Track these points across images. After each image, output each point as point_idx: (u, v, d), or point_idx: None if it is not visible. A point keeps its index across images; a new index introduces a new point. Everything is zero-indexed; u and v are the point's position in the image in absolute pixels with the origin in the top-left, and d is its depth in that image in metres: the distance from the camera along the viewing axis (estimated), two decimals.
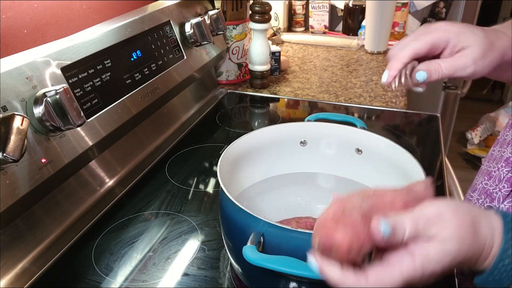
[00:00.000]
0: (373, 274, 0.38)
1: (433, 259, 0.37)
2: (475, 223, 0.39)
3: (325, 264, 0.39)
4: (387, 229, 0.37)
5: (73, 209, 0.72)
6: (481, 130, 2.74)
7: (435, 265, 0.37)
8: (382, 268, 0.38)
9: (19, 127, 0.55)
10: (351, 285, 0.37)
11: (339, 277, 0.38)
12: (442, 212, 0.38)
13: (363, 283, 0.37)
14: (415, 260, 0.37)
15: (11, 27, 0.73)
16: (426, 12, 1.77)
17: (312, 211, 0.69)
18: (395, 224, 0.37)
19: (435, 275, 0.38)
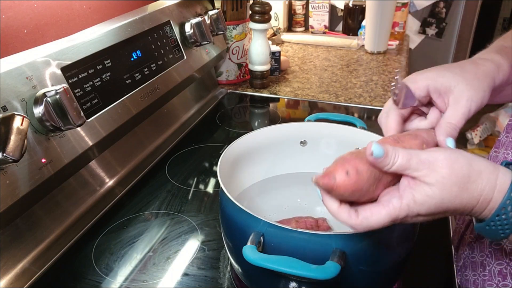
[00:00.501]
0: (362, 212, 0.42)
1: (418, 200, 0.41)
2: (470, 176, 0.41)
3: (326, 198, 0.44)
4: (379, 151, 0.40)
5: (73, 209, 0.72)
6: (481, 130, 2.74)
7: (420, 207, 0.41)
8: (372, 207, 0.42)
9: (19, 127, 0.55)
10: (343, 220, 0.43)
11: (334, 211, 0.43)
12: (437, 159, 0.41)
13: (353, 219, 0.42)
14: (402, 201, 0.41)
15: (11, 27, 0.73)
16: (426, 12, 1.77)
17: (312, 211, 0.69)
18: (387, 150, 0.41)
19: (422, 216, 0.42)
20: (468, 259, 0.63)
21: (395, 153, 0.41)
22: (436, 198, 0.40)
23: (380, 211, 0.41)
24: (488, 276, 0.58)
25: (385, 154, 0.41)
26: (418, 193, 0.41)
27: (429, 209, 0.41)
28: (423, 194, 0.40)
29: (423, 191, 0.40)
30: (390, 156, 0.41)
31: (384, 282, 0.55)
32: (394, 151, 0.41)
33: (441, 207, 0.41)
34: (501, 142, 0.65)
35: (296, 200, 0.70)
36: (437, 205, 0.40)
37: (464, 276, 0.63)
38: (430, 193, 0.40)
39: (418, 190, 0.41)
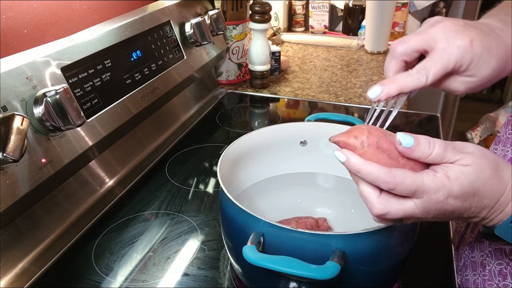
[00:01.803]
0: (397, 170, 0.40)
1: (452, 175, 0.40)
2: (498, 164, 0.41)
3: (352, 154, 0.41)
4: (408, 140, 0.40)
5: (73, 209, 0.72)
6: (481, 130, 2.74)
7: (452, 182, 0.40)
8: (407, 171, 0.40)
9: (19, 127, 0.55)
10: (375, 171, 0.40)
11: (363, 164, 0.41)
12: (467, 146, 0.41)
13: (386, 171, 0.40)
14: (436, 173, 0.40)
15: (11, 27, 0.73)
16: (426, 12, 1.77)
17: (312, 211, 0.69)
18: (419, 139, 0.40)
19: (453, 197, 0.40)
20: (468, 259, 0.63)
21: (430, 143, 0.41)
22: (470, 175, 0.40)
23: (415, 173, 0.40)
24: (488, 276, 0.58)
25: (417, 143, 0.40)
26: (452, 170, 0.40)
27: (463, 186, 0.40)
28: (457, 171, 0.40)
29: (457, 168, 0.40)
30: (424, 144, 0.40)
31: (384, 282, 0.55)
32: (427, 140, 0.41)
33: (473, 186, 0.40)
34: (500, 139, 0.65)
35: (296, 200, 0.70)
36: (470, 182, 0.40)
37: (464, 276, 0.63)
38: (464, 170, 0.40)
39: (452, 168, 0.40)
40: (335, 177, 0.72)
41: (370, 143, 0.41)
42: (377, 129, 0.43)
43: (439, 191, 0.40)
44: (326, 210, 0.69)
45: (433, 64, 0.45)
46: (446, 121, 2.10)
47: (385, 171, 0.40)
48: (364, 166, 0.41)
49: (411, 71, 0.46)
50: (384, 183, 0.40)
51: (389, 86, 0.46)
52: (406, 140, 0.40)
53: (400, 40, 0.47)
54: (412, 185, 0.39)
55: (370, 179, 0.41)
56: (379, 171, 0.40)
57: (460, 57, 0.45)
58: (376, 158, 0.41)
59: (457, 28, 0.45)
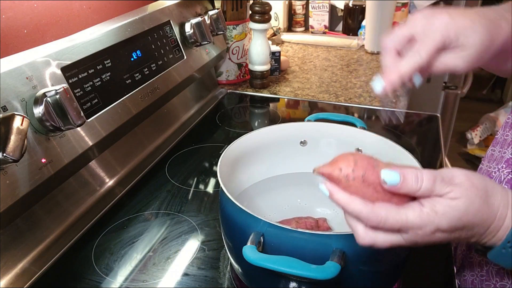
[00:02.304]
0: (380, 207, 0.39)
1: (440, 211, 0.38)
2: (487, 190, 0.40)
3: (335, 189, 0.41)
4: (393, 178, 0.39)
5: (73, 209, 0.72)
6: (481, 130, 2.74)
7: (440, 218, 0.38)
8: (391, 207, 0.39)
9: (19, 127, 0.55)
10: (357, 208, 0.39)
11: (346, 199, 0.40)
12: (455, 175, 0.40)
13: (369, 209, 0.39)
14: (422, 209, 0.39)
15: (11, 27, 0.73)
16: None
17: (312, 211, 0.69)
18: (405, 175, 0.39)
19: (441, 232, 0.39)
20: (466, 260, 0.63)
21: (417, 177, 0.39)
22: (459, 210, 0.38)
23: (399, 209, 0.39)
24: (486, 276, 0.58)
25: (403, 179, 0.39)
26: (440, 204, 0.39)
27: (451, 221, 0.39)
28: (445, 205, 0.39)
29: (445, 203, 0.39)
30: (411, 180, 0.39)
31: (384, 282, 0.55)
32: (414, 174, 0.39)
33: (462, 220, 0.39)
34: (497, 140, 0.65)
35: (296, 200, 0.70)
36: (459, 217, 0.39)
37: (462, 277, 0.63)
38: (453, 205, 0.39)
39: (440, 202, 0.39)
40: None
41: (355, 176, 0.40)
42: (365, 159, 0.41)
43: (426, 226, 0.39)
44: (326, 210, 0.69)
45: (422, 43, 0.47)
46: (446, 121, 2.10)
47: (368, 209, 0.39)
48: (348, 203, 0.40)
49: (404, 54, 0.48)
50: (366, 221, 0.40)
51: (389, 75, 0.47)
52: (391, 178, 0.39)
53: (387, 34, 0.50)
54: (396, 224, 0.39)
55: (354, 215, 0.40)
56: (362, 209, 0.39)
57: (444, 29, 0.46)
58: (361, 192, 0.40)
59: (434, 11, 0.48)
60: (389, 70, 0.48)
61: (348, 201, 0.40)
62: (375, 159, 0.42)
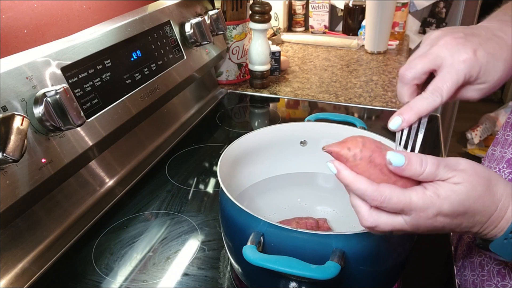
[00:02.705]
0: (385, 187, 0.40)
1: (442, 194, 0.39)
2: (491, 180, 0.41)
3: (342, 167, 0.42)
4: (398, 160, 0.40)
5: (73, 209, 0.72)
6: (481, 130, 2.74)
7: (442, 200, 0.39)
8: (395, 188, 0.40)
9: (19, 127, 0.55)
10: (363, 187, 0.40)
11: (352, 178, 0.41)
12: (459, 162, 0.41)
13: (374, 188, 0.40)
14: (425, 191, 0.40)
15: (11, 27, 0.73)
16: (426, 12, 1.77)
17: (312, 211, 0.69)
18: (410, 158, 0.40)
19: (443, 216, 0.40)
20: (467, 259, 0.63)
21: (422, 161, 0.40)
22: (461, 194, 0.39)
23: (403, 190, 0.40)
24: (487, 276, 0.58)
25: (407, 162, 0.40)
26: (442, 188, 0.40)
27: (452, 205, 0.39)
28: (448, 189, 0.40)
29: (448, 187, 0.40)
30: (415, 163, 0.40)
31: (384, 282, 0.55)
32: (419, 158, 0.40)
33: (464, 205, 0.40)
34: (498, 140, 0.65)
35: (296, 200, 0.70)
36: (461, 201, 0.39)
37: (463, 276, 0.63)
38: (455, 189, 0.39)
39: (442, 186, 0.40)
40: (335, 177, 0.71)
41: (362, 156, 0.41)
42: (373, 142, 0.42)
43: (428, 209, 0.39)
44: (326, 210, 0.69)
45: (444, 82, 0.46)
46: (446, 121, 2.10)
47: (373, 188, 0.40)
48: (353, 181, 0.41)
49: (425, 94, 0.46)
50: (371, 200, 0.40)
51: (407, 114, 0.46)
52: (396, 160, 0.40)
53: (407, 67, 0.48)
54: (399, 204, 0.39)
55: (358, 194, 0.41)
56: (367, 188, 0.40)
57: (467, 69, 0.45)
58: (367, 173, 0.41)
59: (458, 42, 0.46)
60: (408, 108, 0.47)
61: (353, 179, 0.41)
62: (383, 144, 0.43)
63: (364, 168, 0.41)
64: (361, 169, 0.41)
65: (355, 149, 0.42)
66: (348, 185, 0.42)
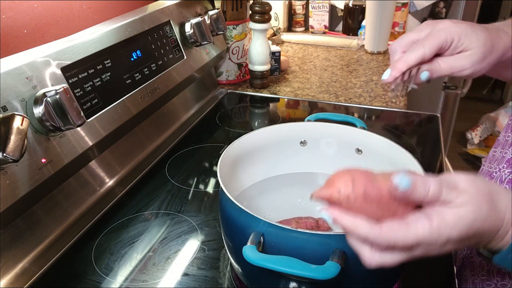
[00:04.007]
0: (388, 226, 0.38)
1: (449, 222, 0.38)
2: (493, 195, 0.40)
3: (338, 213, 0.39)
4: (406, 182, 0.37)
5: (73, 209, 0.72)
6: (481, 130, 2.74)
7: (451, 229, 0.38)
8: (398, 224, 0.38)
9: (19, 127, 0.55)
10: (364, 232, 0.38)
11: (352, 224, 0.39)
12: (458, 181, 0.39)
13: (377, 232, 0.38)
14: (432, 222, 0.38)
15: (11, 27, 0.73)
16: (426, 12, 1.77)
17: (312, 211, 0.69)
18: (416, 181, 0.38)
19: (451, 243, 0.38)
20: (467, 259, 0.63)
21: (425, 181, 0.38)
22: (468, 218, 0.38)
23: (407, 228, 0.38)
24: (487, 276, 0.58)
25: (414, 185, 0.38)
26: (448, 215, 0.38)
27: (461, 231, 0.38)
28: (455, 215, 0.38)
29: (454, 212, 0.38)
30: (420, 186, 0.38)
31: (384, 282, 0.55)
32: (422, 178, 0.38)
33: (473, 228, 0.38)
34: (499, 142, 0.65)
35: (296, 200, 0.70)
36: (469, 225, 0.38)
37: (463, 277, 0.63)
38: (462, 213, 0.38)
39: (447, 212, 0.38)
40: None
41: (356, 195, 0.38)
42: (362, 175, 0.39)
43: (437, 240, 0.38)
44: None
45: (426, 39, 0.53)
46: (446, 121, 2.10)
47: (375, 232, 0.38)
48: (353, 227, 0.39)
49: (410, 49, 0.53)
50: (375, 245, 0.39)
51: (396, 64, 0.53)
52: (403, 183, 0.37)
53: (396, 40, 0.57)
54: (406, 245, 0.38)
55: (361, 239, 0.39)
56: (369, 232, 0.38)
57: (447, 31, 0.52)
58: (364, 211, 0.38)
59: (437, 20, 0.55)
60: (396, 61, 0.54)
61: (354, 225, 0.39)
62: (370, 172, 0.40)
63: (360, 207, 0.38)
64: (358, 209, 0.38)
65: (346, 189, 0.39)
66: (349, 232, 0.40)
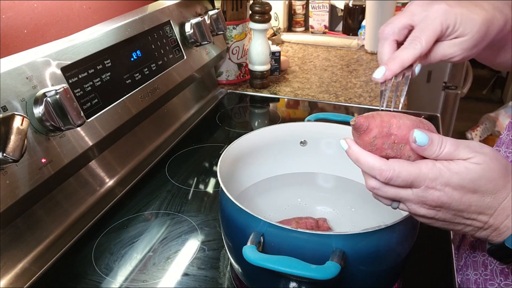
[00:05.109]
0: (394, 161, 0.41)
1: (453, 168, 0.40)
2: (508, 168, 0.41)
3: (353, 143, 0.43)
4: (423, 138, 0.40)
5: (73, 209, 0.72)
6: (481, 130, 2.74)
7: (452, 174, 0.39)
8: (404, 161, 0.41)
9: (19, 127, 0.55)
10: (371, 162, 0.41)
11: (362, 154, 0.42)
12: (484, 146, 0.41)
13: (382, 163, 0.41)
14: (435, 163, 0.40)
15: (11, 27, 0.73)
16: None
17: (312, 211, 0.69)
18: (433, 139, 0.40)
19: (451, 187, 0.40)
20: (470, 259, 0.63)
21: (442, 142, 0.40)
22: (475, 173, 0.39)
23: (411, 163, 0.40)
24: (490, 275, 0.58)
25: (430, 142, 0.40)
26: (456, 164, 0.40)
27: (463, 180, 0.39)
28: (461, 166, 0.40)
29: (463, 164, 0.40)
30: (436, 145, 0.40)
31: (384, 282, 0.55)
32: (440, 139, 0.40)
33: (475, 183, 0.40)
34: (502, 141, 0.65)
35: (296, 200, 0.70)
36: (472, 179, 0.39)
37: (465, 276, 0.63)
38: (470, 167, 0.39)
39: (456, 162, 0.40)
40: (335, 177, 0.72)
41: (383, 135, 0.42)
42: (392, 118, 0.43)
43: (437, 179, 0.40)
44: (326, 209, 0.69)
45: (422, 31, 0.48)
46: (446, 121, 2.10)
47: (381, 162, 0.41)
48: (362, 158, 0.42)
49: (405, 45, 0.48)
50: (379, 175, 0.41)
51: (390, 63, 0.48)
52: (421, 139, 0.40)
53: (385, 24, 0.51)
54: (409, 177, 0.40)
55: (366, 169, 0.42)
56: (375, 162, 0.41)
57: (443, 17, 0.47)
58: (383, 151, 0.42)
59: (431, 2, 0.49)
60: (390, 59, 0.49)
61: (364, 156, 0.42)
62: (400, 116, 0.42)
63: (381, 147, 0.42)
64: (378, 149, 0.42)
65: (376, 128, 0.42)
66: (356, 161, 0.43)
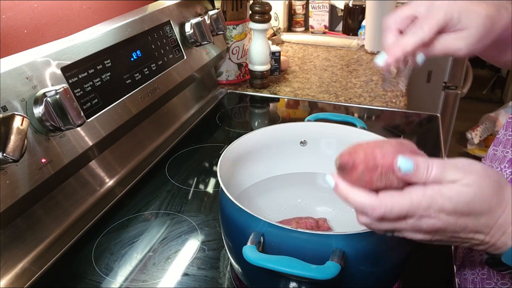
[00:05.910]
0: (385, 195, 0.40)
1: (445, 194, 0.39)
2: (501, 182, 0.40)
3: (340, 181, 0.42)
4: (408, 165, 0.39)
5: (73, 209, 0.72)
6: (481, 130, 2.74)
7: (445, 200, 0.39)
8: (395, 192, 0.40)
9: (19, 127, 0.55)
10: (361, 200, 0.40)
11: (351, 193, 0.41)
12: (472, 164, 0.40)
13: (373, 200, 0.40)
14: (426, 190, 0.39)
15: (11, 27, 0.73)
16: None
17: (312, 211, 0.69)
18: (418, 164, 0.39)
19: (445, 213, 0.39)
20: (467, 259, 0.63)
21: (428, 165, 0.39)
22: (468, 196, 0.39)
23: (402, 194, 0.39)
24: (487, 275, 0.58)
25: (416, 168, 0.39)
26: (447, 188, 0.39)
27: (456, 204, 0.39)
28: (453, 190, 0.39)
29: (454, 188, 0.39)
30: (422, 169, 0.39)
31: (384, 282, 0.55)
32: (425, 163, 0.39)
33: (469, 206, 0.39)
34: (499, 140, 0.65)
35: (296, 200, 0.70)
36: (466, 202, 0.39)
37: (463, 276, 0.63)
38: (462, 191, 0.38)
39: (448, 186, 0.39)
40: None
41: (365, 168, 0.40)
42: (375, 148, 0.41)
43: (430, 208, 0.39)
44: (326, 210, 0.69)
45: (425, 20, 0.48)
46: (446, 121, 2.10)
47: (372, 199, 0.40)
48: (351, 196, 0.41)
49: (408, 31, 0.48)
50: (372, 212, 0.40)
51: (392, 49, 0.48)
52: (406, 166, 0.39)
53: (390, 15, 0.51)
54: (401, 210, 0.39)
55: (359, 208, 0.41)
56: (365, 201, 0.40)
57: (447, 8, 0.47)
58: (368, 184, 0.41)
59: None
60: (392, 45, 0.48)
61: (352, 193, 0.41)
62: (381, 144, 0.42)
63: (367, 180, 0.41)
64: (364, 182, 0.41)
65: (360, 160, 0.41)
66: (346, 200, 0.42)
